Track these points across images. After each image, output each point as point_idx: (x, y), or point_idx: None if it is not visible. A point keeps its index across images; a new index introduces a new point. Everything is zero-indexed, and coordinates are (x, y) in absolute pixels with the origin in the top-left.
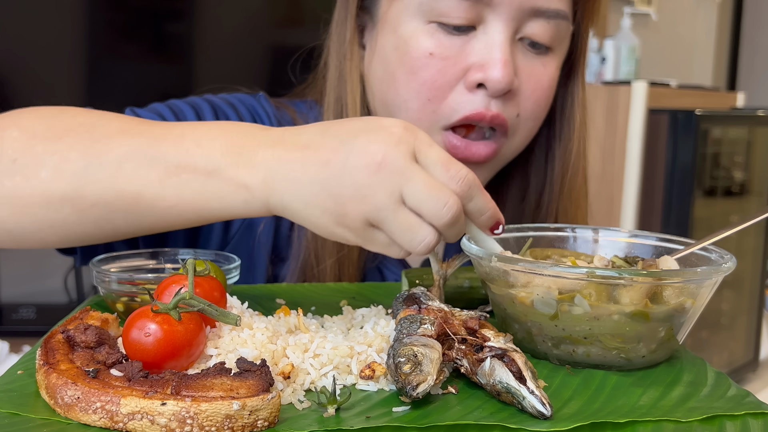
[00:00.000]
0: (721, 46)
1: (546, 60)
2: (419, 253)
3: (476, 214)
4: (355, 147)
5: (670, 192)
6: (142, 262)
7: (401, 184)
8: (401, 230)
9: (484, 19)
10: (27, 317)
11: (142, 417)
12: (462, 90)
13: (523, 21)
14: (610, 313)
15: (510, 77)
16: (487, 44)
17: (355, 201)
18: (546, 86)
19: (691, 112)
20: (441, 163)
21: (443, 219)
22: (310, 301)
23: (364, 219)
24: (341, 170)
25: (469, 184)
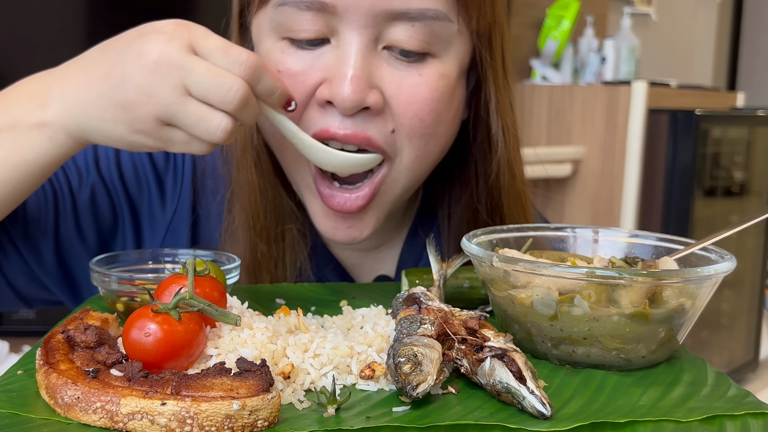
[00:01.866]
0: (721, 46)
1: (422, 68)
2: (219, 140)
3: (266, 95)
4: (131, 53)
5: (670, 192)
6: (142, 262)
7: (182, 77)
8: (194, 121)
9: (335, 30)
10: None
11: (142, 417)
12: (315, 106)
13: (381, 27)
14: (610, 314)
15: (358, 94)
16: (339, 58)
17: (141, 103)
18: (425, 98)
19: (691, 112)
20: (220, 49)
21: (232, 103)
22: (310, 301)
23: (155, 118)
24: (121, 78)
25: (252, 65)
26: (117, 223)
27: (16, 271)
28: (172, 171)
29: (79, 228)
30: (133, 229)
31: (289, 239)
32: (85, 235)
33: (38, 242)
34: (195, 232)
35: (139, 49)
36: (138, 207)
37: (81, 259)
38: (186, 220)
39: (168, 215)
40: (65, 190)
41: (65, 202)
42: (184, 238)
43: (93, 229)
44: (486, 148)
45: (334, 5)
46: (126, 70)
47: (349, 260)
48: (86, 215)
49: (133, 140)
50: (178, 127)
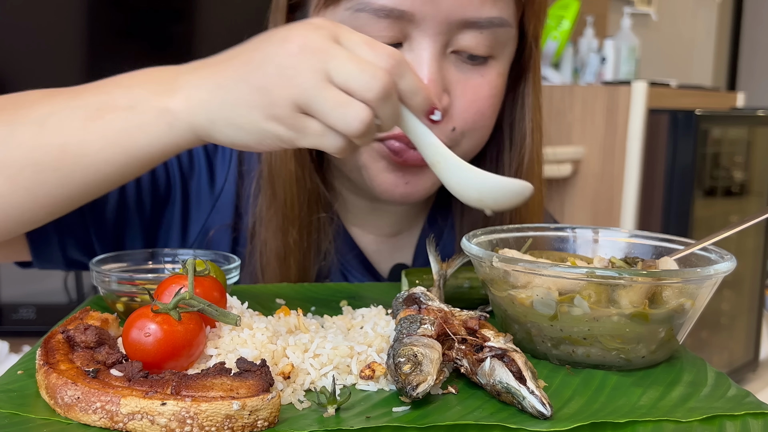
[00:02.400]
0: (721, 46)
1: (484, 70)
2: (355, 131)
3: (409, 94)
4: (274, 40)
5: (670, 192)
6: (142, 262)
7: (326, 61)
8: (332, 108)
9: (409, 35)
10: (27, 317)
11: (142, 417)
12: None
13: (452, 34)
14: (610, 314)
15: (435, 97)
16: (413, 62)
17: (281, 86)
18: (486, 95)
19: (691, 112)
20: (365, 42)
21: (374, 90)
22: (310, 301)
23: (293, 104)
24: (262, 61)
25: (397, 60)
26: (170, 196)
27: (74, 238)
28: (220, 153)
29: (140, 199)
30: (181, 205)
31: (316, 226)
32: (143, 206)
33: (104, 213)
34: (237, 216)
35: (283, 36)
36: (189, 183)
37: (134, 229)
38: (231, 202)
39: (215, 194)
40: None
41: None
42: (227, 220)
43: (150, 200)
44: (517, 142)
45: (413, 14)
46: (267, 53)
47: (370, 247)
48: (146, 187)
49: (265, 128)
50: (314, 116)
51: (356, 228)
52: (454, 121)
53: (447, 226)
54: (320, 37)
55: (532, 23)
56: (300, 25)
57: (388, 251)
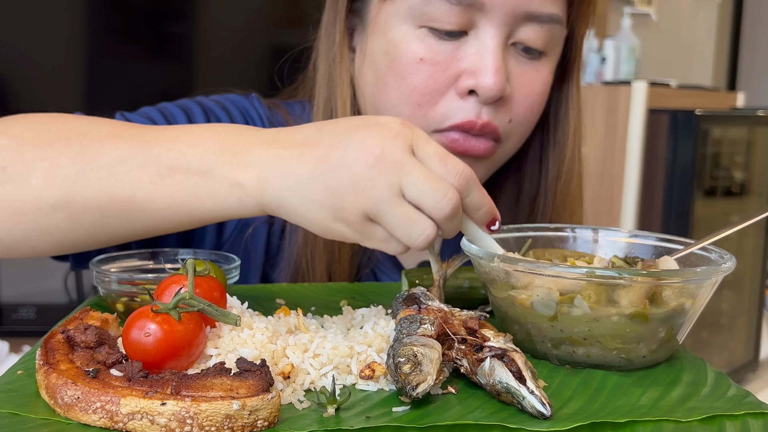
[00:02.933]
0: (721, 46)
1: (539, 65)
2: (418, 246)
3: (473, 209)
4: (353, 142)
5: (670, 192)
6: (142, 262)
7: (400, 177)
8: (400, 223)
9: (475, 24)
10: (27, 317)
11: (142, 417)
12: (453, 96)
13: (515, 26)
14: (610, 314)
15: (502, 84)
16: (479, 50)
17: (354, 194)
18: (539, 91)
19: (691, 112)
20: (438, 157)
21: (443, 211)
22: (310, 301)
23: (363, 213)
24: (339, 164)
25: (466, 177)
26: None
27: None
28: None
29: None
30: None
31: None
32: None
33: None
34: None
35: (363, 141)
36: None
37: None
38: None
39: None
40: None
41: None
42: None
43: None
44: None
45: (483, 3)
46: (345, 157)
47: None
48: None
49: (333, 227)
50: (380, 224)
51: None
52: (511, 113)
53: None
54: (398, 148)
55: (581, 25)
56: (380, 128)
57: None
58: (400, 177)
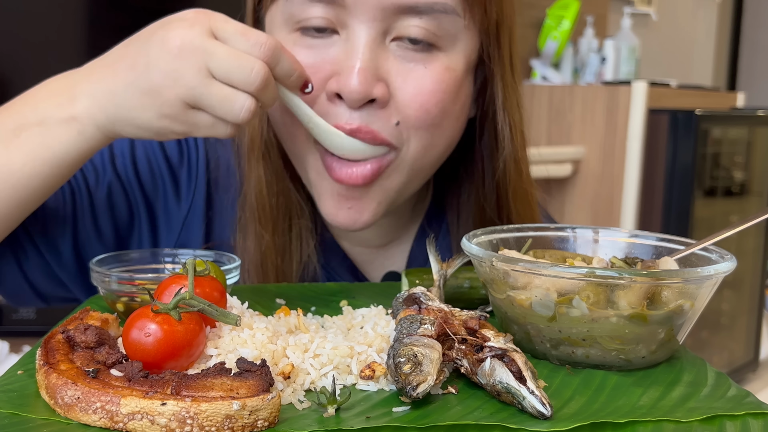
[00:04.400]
0: (721, 46)
1: (429, 61)
2: (243, 120)
3: (285, 77)
4: (154, 42)
5: (670, 192)
6: (142, 262)
7: (205, 60)
8: (219, 102)
9: (344, 22)
10: (27, 317)
11: (142, 417)
12: (324, 100)
13: (391, 20)
14: (608, 315)
15: (365, 86)
16: (347, 50)
17: (168, 87)
18: (430, 89)
19: (691, 112)
20: (240, 33)
21: (254, 84)
22: (310, 301)
23: (181, 102)
24: (146, 66)
25: (271, 48)
26: (133, 220)
27: (35, 268)
28: (186, 167)
29: (97, 225)
30: (149, 226)
31: (296, 232)
32: (102, 232)
33: (57, 240)
34: (209, 228)
35: (162, 36)
36: (153, 204)
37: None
38: (201, 215)
39: (183, 211)
40: (83, 188)
41: (83, 200)
42: (198, 234)
43: (110, 227)
44: (493, 145)
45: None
46: (150, 57)
47: (360, 257)
48: (103, 213)
49: (161, 126)
50: (203, 109)
51: (344, 241)
52: (397, 114)
53: (442, 232)
54: (197, 34)
55: (481, 14)
56: (176, 22)
57: (379, 261)
58: (205, 60)
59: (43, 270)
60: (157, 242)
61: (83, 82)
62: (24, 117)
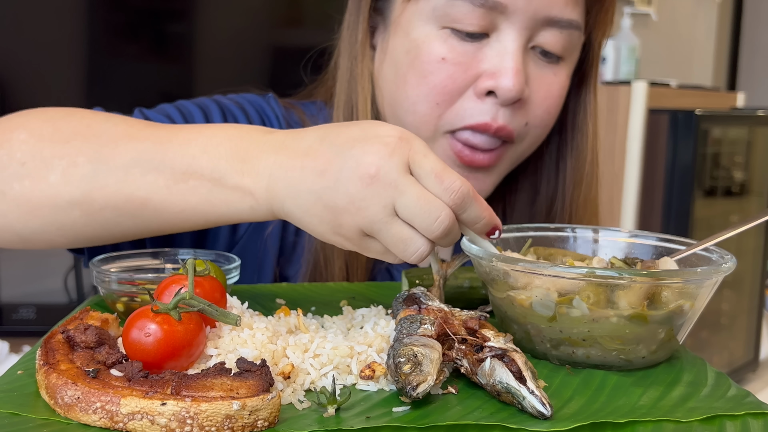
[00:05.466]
0: (721, 46)
1: (557, 69)
2: (413, 261)
3: (471, 223)
4: (350, 158)
5: (670, 192)
6: (142, 262)
7: (394, 197)
8: (394, 242)
9: (497, 26)
10: (27, 317)
11: (142, 417)
12: (471, 96)
13: (536, 30)
14: (608, 315)
15: (521, 86)
16: (500, 52)
17: (350, 213)
18: (556, 95)
19: (691, 112)
20: (435, 174)
21: (435, 232)
22: (310, 301)
23: (359, 230)
24: (336, 182)
25: (462, 196)
26: None
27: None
28: None
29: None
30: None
31: None
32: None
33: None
34: None
35: (359, 157)
36: None
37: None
38: None
39: None
40: None
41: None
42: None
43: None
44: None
45: (506, 5)
46: (342, 174)
47: None
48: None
49: (332, 239)
50: (377, 240)
51: None
52: (528, 116)
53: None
54: (394, 167)
55: (598, 32)
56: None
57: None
58: (394, 198)
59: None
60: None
61: (270, 158)
62: (198, 165)
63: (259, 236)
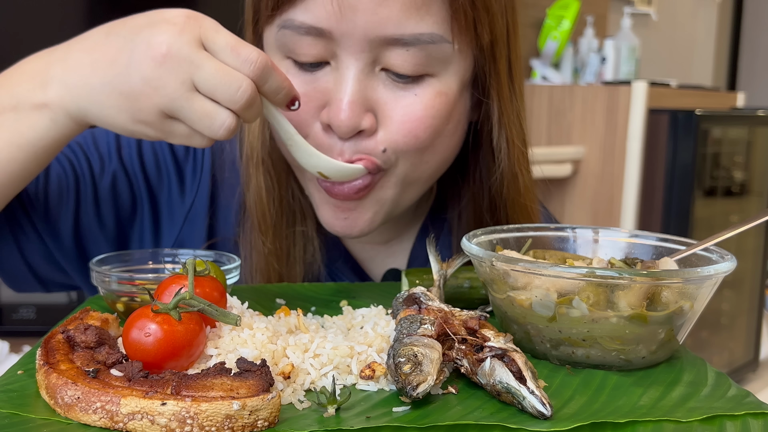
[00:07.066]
0: (721, 46)
1: (419, 89)
2: (221, 137)
3: (272, 94)
4: (140, 42)
5: (670, 192)
6: (142, 262)
7: (191, 72)
8: (199, 117)
9: (335, 53)
10: (27, 317)
11: (142, 417)
12: (319, 130)
13: (377, 51)
14: (608, 316)
15: (354, 119)
16: (336, 82)
17: (147, 95)
18: (419, 116)
19: (691, 112)
20: (230, 47)
21: (239, 102)
22: (310, 301)
23: (159, 111)
24: (128, 67)
25: (261, 66)
26: (136, 210)
27: (35, 253)
28: (191, 162)
29: (99, 213)
30: (151, 218)
31: (299, 235)
32: (104, 221)
33: (58, 225)
34: (212, 223)
35: (148, 39)
36: (157, 196)
37: (99, 244)
38: (204, 211)
39: (186, 205)
40: (87, 176)
41: (86, 188)
42: (201, 229)
43: (112, 216)
44: (489, 158)
45: (331, 32)
46: (133, 59)
47: (362, 254)
48: (106, 201)
49: (134, 129)
50: (181, 120)
51: (346, 239)
52: (384, 142)
53: (444, 232)
54: (185, 43)
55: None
56: (165, 24)
57: (380, 258)
58: (191, 72)
59: (43, 254)
60: (159, 235)
61: (58, 65)
62: (1, 101)
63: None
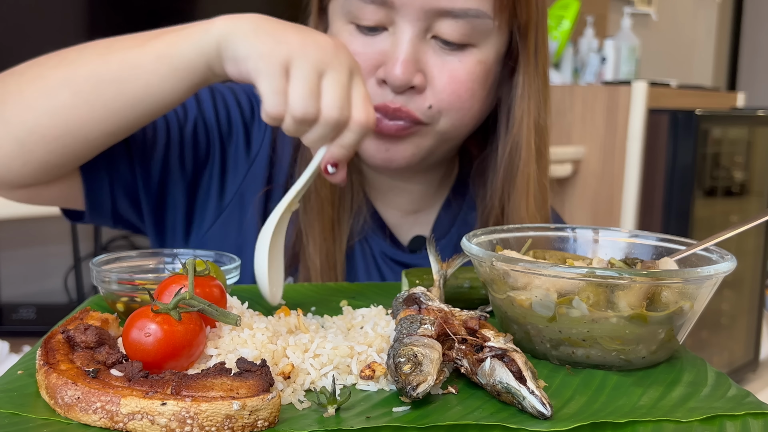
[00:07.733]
0: (721, 46)
1: (463, 56)
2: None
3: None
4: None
5: (670, 192)
6: (142, 262)
7: (333, 66)
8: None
9: (393, 21)
10: (27, 317)
11: (142, 417)
12: (374, 84)
13: (431, 21)
14: (608, 316)
15: (408, 74)
16: (393, 44)
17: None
18: (462, 78)
19: (691, 112)
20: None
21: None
22: (310, 301)
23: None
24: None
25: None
26: (209, 156)
27: (123, 186)
28: (257, 122)
29: (182, 156)
30: (220, 168)
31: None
32: (185, 164)
33: (150, 163)
34: (270, 174)
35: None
36: (227, 148)
37: (178, 186)
38: (264, 165)
39: (250, 159)
40: (173, 120)
41: (174, 131)
42: (260, 182)
43: (191, 160)
44: (504, 127)
45: (393, 1)
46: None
47: (392, 219)
48: (189, 145)
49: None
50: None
51: (380, 203)
52: (430, 99)
53: (468, 206)
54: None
55: (511, 16)
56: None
57: (408, 225)
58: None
59: (129, 189)
60: (224, 184)
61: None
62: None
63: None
